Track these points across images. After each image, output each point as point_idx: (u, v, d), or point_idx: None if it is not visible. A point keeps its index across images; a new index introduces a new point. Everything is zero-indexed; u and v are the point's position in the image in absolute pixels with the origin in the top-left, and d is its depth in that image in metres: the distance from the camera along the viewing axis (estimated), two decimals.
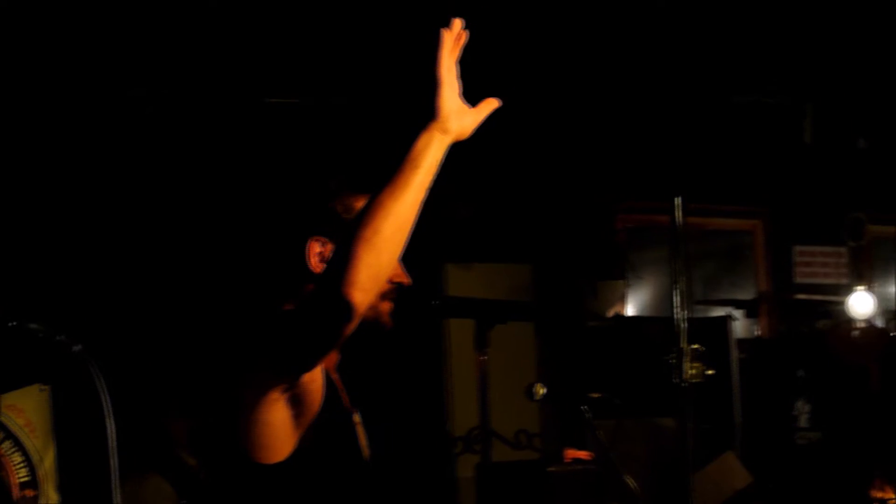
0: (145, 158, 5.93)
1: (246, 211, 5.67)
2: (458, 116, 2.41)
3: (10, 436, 4.89)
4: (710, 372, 3.28)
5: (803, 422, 7.50)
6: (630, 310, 7.95)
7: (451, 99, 2.39)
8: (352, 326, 2.34)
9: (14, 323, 1.76)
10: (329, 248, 2.63)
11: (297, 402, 2.47)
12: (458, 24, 2.40)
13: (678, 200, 3.42)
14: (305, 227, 2.66)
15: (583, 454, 5.26)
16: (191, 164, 6.03)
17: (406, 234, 2.33)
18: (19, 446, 4.91)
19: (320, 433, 2.52)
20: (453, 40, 2.39)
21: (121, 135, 5.87)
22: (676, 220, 3.40)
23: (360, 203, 2.60)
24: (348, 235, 2.30)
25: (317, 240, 2.64)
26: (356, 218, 2.34)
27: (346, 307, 2.27)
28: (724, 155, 7.69)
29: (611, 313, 7.42)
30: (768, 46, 6.79)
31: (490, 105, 2.49)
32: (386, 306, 2.65)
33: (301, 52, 6.04)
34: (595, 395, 4.35)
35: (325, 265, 2.60)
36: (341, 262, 2.28)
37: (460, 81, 2.42)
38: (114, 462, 2.03)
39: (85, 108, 5.76)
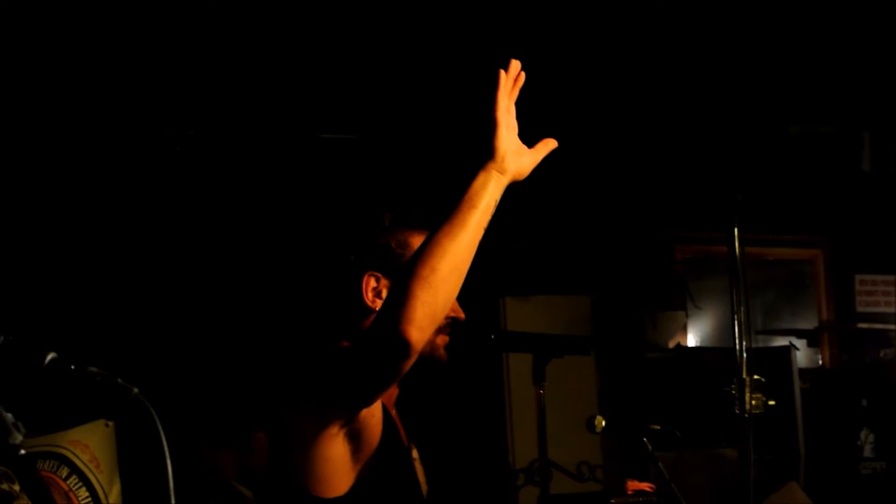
0: (203, 196, 5.99)
1: (302, 248, 5.71)
2: (516, 157, 2.41)
3: (75, 471, 4.93)
4: (771, 402, 3.27)
5: (867, 451, 7.41)
6: (691, 340, 7.91)
7: (508, 139, 2.39)
8: (409, 364, 2.34)
9: (73, 367, 1.78)
10: (384, 284, 2.65)
11: (355, 437, 2.49)
12: (515, 65, 2.41)
13: (736, 230, 3.42)
14: (360, 262, 2.67)
15: (645, 486, 5.23)
16: (250, 201, 6.09)
17: (463, 273, 2.34)
18: (85, 482, 4.95)
19: (379, 469, 2.53)
20: (511, 81, 2.40)
21: (175, 172, 5.93)
22: (735, 249, 3.39)
23: (413, 238, 2.64)
24: (405, 273, 2.31)
25: (372, 275, 2.66)
26: (413, 256, 2.34)
27: (403, 345, 2.27)
28: (783, 184, 7.66)
29: (671, 344, 7.39)
30: (824, 75, 6.77)
31: (548, 146, 2.50)
32: (441, 340, 2.67)
33: (356, 86, 6.09)
34: (656, 427, 4.33)
35: (380, 300, 2.62)
36: (398, 300, 2.28)
37: (517, 122, 2.43)
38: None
39: (137, 146, 5.84)
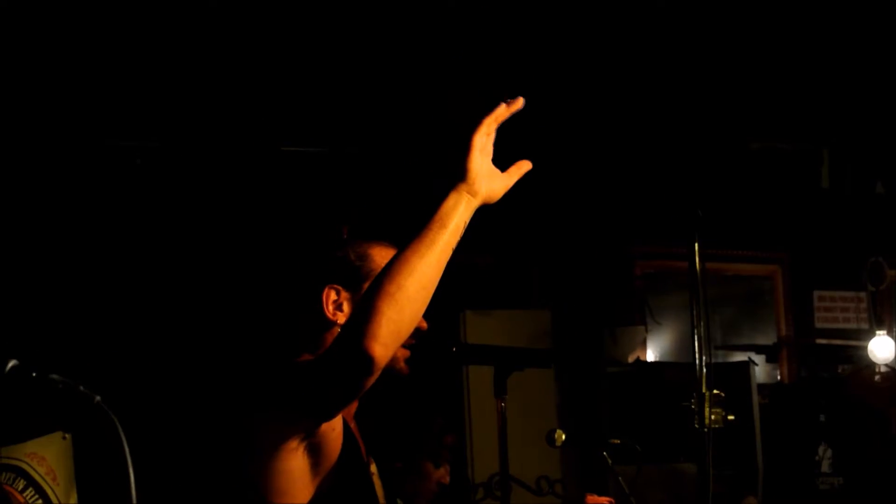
0: (161, 208, 5.97)
1: (261, 260, 5.70)
2: (489, 180, 2.42)
3: (31, 483, 4.89)
4: (730, 417, 3.28)
5: (825, 467, 7.45)
6: (650, 355, 7.93)
7: (481, 162, 2.40)
8: (372, 380, 2.33)
9: (35, 374, 1.77)
10: (344, 296, 2.65)
11: (315, 451, 2.48)
12: (519, 102, 2.45)
13: (696, 246, 3.44)
14: (320, 275, 2.67)
15: (604, 500, 5.23)
16: (208, 213, 6.07)
17: (430, 292, 2.34)
18: (41, 494, 4.91)
19: (337, 483, 2.52)
20: (506, 113, 2.43)
21: (136, 184, 5.91)
22: (695, 265, 3.41)
23: (373, 250, 2.66)
24: (371, 289, 2.30)
25: (332, 287, 2.65)
26: (381, 272, 2.33)
27: (367, 361, 2.26)
28: (742, 200, 7.70)
29: (631, 359, 7.41)
30: (784, 92, 6.81)
31: (521, 169, 2.52)
32: (402, 353, 2.66)
33: (321, 99, 6.08)
34: (616, 441, 4.34)
35: (341, 313, 2.63)
36: (363, 316, 2.28)
37: (492, 147, 2.44)
38: None
39: (100, 156, 5.82)
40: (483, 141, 2.41)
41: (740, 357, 7.57)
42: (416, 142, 4.80)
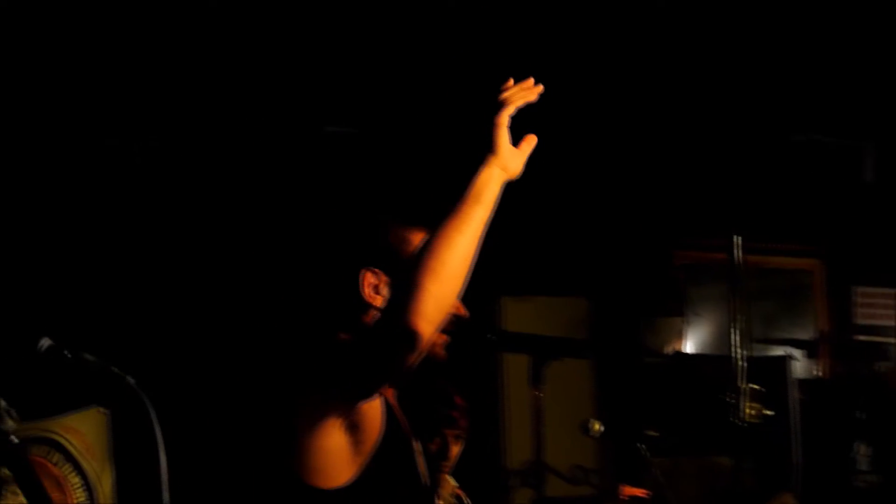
0: (203, 191, 5.99)
1: (300, 242, 5.70)
2: (512, 156, 2.51)
3: (68, 457, 4.93)
4: (768, 412, 3.26)
5: (863, 464, 7.39)
6: (688, 347, 7.89)
7: (507, 139, 2.49)
8: (416, 356, 2.39)
9: (68, 353, 1.77)
10: (383, 279, 2.66)
11: (354, 429, 2.50)
12: (529, 82, 2.52)
13: (737, 239, 3.42)
14: (359, 258, 2.69)
15: (639, 492, 5.22)
16: (248, 196, 6.08)
17: (468, 265, 2.40)
18: (77, 468, 4.94)
19: (381, 460, 2.54)
20: (530, 94, 2.51)
21: (178, 163, 5.93)
22: (735, 258, 3.39)
23: (411, 234, 2.68)
24: (414, 266, 2.37)
25: (370, 270, 2.67)
26: (421, 249, 2.41)
27: (412, 337, 2.33)
28: (783, 194, 7.63)
29: (669, 350, 7.37)
30: (827, 85, 6.75)
31: (530, 144, 2.59)
32: (440, 339, 2.66)
33: (355, 81, 6.07)
34: (652, 433, 4.33)
35: (378, 296, 2.65)
36: (407, 292, 2.35)
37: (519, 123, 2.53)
38: (166, 496, 2.04)
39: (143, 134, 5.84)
40: (507, 119, 2.49)
41: (779, 351, 7.52)
42: (456, 124, 4.76)
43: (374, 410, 2.54)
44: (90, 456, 4.96)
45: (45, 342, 1.74)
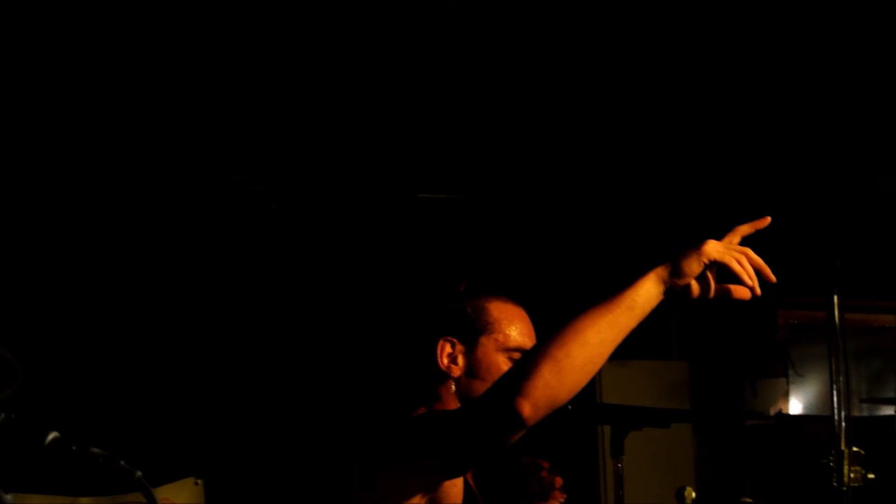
0: (287, 251, 6.04)
1: (379, 312, 5.69)
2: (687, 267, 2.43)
3: None
4: (871, 476, 3.15)
5: None
6: (794, 408, 7.74)
7: (700, 266, 2.45)
8: (514, 438, 2.28)
9: (75, 447, 1.76)
10: (459, 349, 2.63)
11: None
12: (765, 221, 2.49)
13: (835, 297, 3.33)
14: (435, 327, 2.65)
15: None
16: (321, 263, 6.11)
17: (596, 368, 2.27)
18: None
19: None
20: (750, 230, 2.50)
21: (264, 227, 5.99)
22: (834, 316, 3.30)
23: (490, 305, 2.65)
24: (536, 349, 2.26)
25: (447, 340, 2.63)
26: (551, 335, 2.26)
27: (514, 417, 2.20)
28: (887, 250, 7.48)
29: (773, 411, 7.24)
30: None
31: (737, 233, 2.57)
32: None
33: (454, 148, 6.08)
34: (748, 501, 4.21)
35: (455, 366, 2.61)
36: (521, 372, 2.22)
37: None
38: None
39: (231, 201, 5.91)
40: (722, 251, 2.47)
41: (887, 411, 7.32)
42: (537, 197, 4.76)
43: (455, 488, 2.49)
44: None
45: (51, 435, 1.73)
